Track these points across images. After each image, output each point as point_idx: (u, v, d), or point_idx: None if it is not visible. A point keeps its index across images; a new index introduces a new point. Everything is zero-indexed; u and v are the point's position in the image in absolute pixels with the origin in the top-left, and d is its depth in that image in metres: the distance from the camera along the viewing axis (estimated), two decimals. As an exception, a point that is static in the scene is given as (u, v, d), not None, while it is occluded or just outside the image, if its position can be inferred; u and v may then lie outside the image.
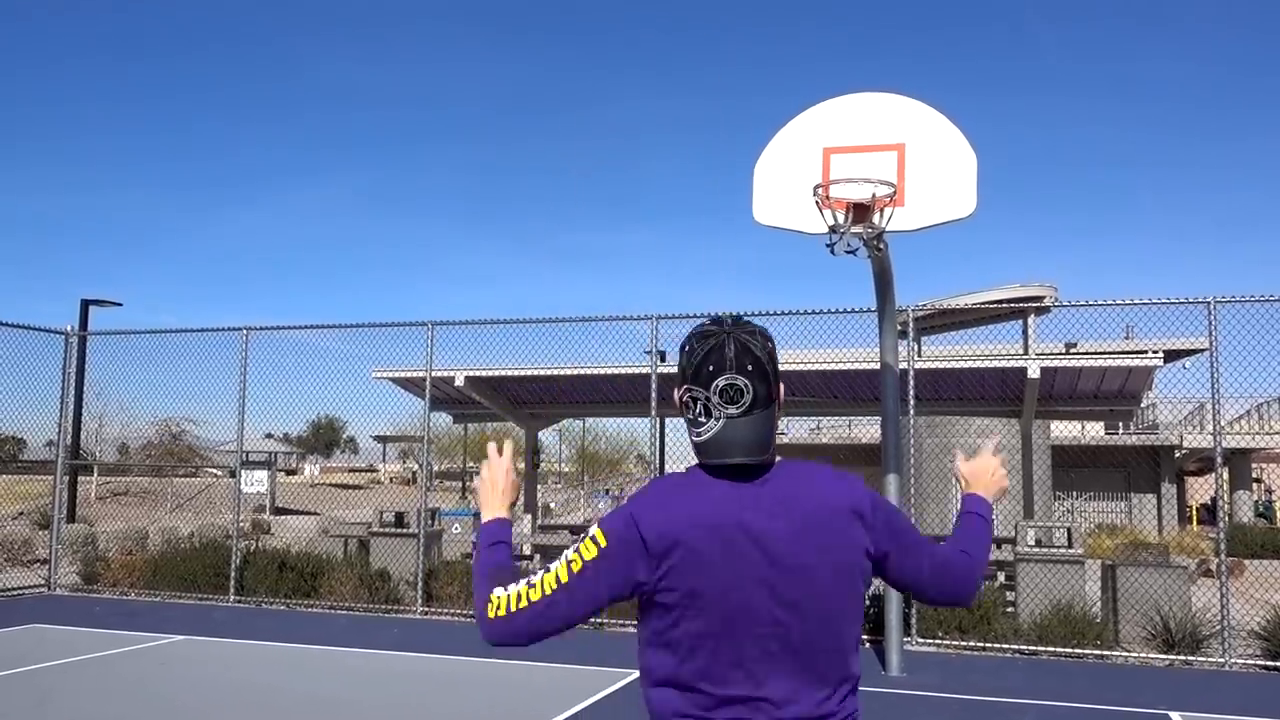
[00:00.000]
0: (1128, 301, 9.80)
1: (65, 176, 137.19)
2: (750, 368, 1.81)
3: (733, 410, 1.80)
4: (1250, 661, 9.11)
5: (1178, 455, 30.76)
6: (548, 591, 1.81)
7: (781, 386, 1.87)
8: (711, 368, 1.81)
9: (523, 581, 1.83)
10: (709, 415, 1.83)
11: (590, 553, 1.84)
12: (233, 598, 12.13)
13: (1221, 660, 9.05)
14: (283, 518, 30.26)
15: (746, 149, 8.04)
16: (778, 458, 1.91)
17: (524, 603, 1.83)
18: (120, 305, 21.47)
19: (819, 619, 1.79)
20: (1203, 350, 9.90)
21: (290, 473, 54.02)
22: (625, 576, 1.85)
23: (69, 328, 13.75)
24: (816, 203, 7.23)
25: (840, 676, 1.84)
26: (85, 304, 20.01)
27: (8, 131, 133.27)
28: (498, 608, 1.83)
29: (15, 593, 12.57)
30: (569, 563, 1.86)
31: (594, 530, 1.88)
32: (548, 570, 1.85)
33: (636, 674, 8.13)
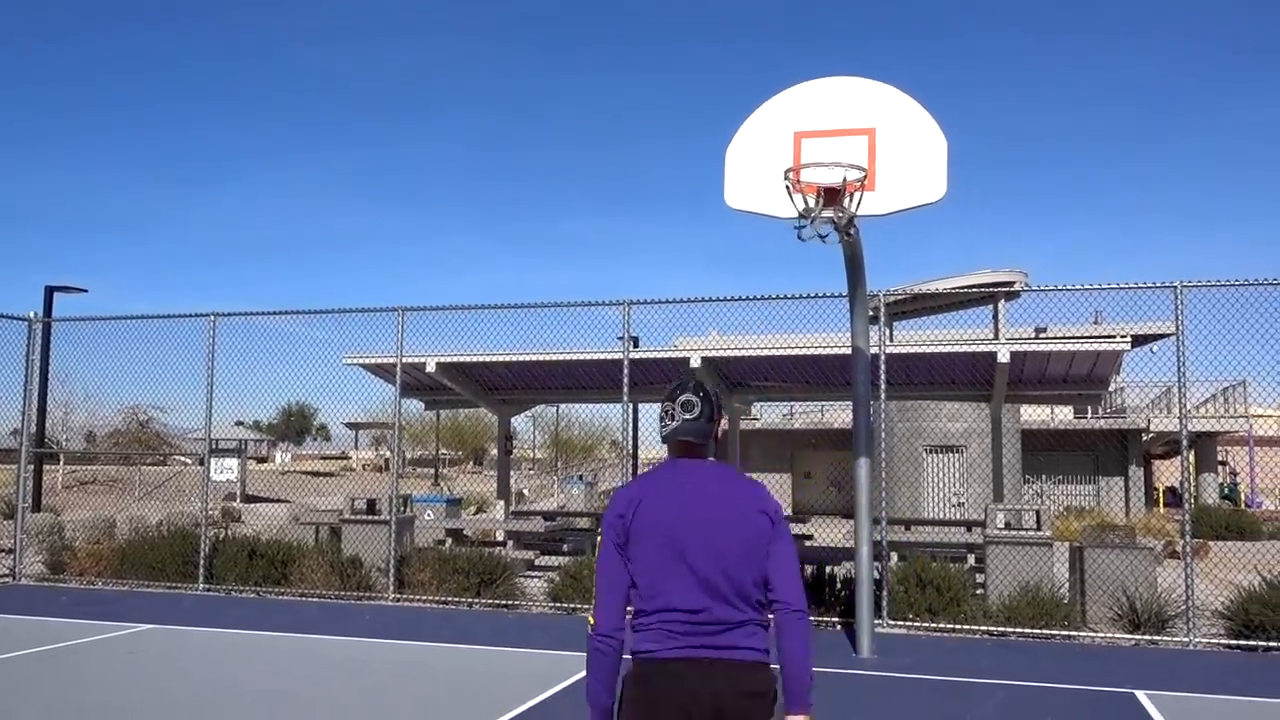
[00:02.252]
0: (1096, 286, 9.88)
1: (29, 160, 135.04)
2: (700, 395, 2.92)
3: (687, 416, 2.90)
4: (1214, 640, 9.25)
5: (1145, 439, 31.18)
6: (598, 588, 2.78)
7: (723, 418, 3.10)
8: (679, 393, 2.94)
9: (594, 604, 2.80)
10: (674, 418, 2.92)
11: (601, 547, 2.82)
12: (202, 586, 12.02)
13: (1186, 640, 9.19)
14: (253, 505, 30.03)
15: (719, 133, 8.03)
16: (713, 460, 2.95)
17: (595, 604, 2.77)
18: (85, 291, 21.16)
19: (732, 557, 2.72)
20: (1170, 335, 10.01)
21: (261, 460, 53.63)
22: (618, 541, 2.79)
23: (32, 314, 13.54)
24: (787, 187, 7.22)
25: (745, 604, 2.72)
26: (49, 290, 19.72)
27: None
28: (591, 622, 2.77)
29: (-21, 583, 12.40)
30: (597, 562, 2.81)
31: (600, 532, 2.87)
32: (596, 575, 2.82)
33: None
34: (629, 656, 2.72)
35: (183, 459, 36.67)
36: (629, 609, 2.75)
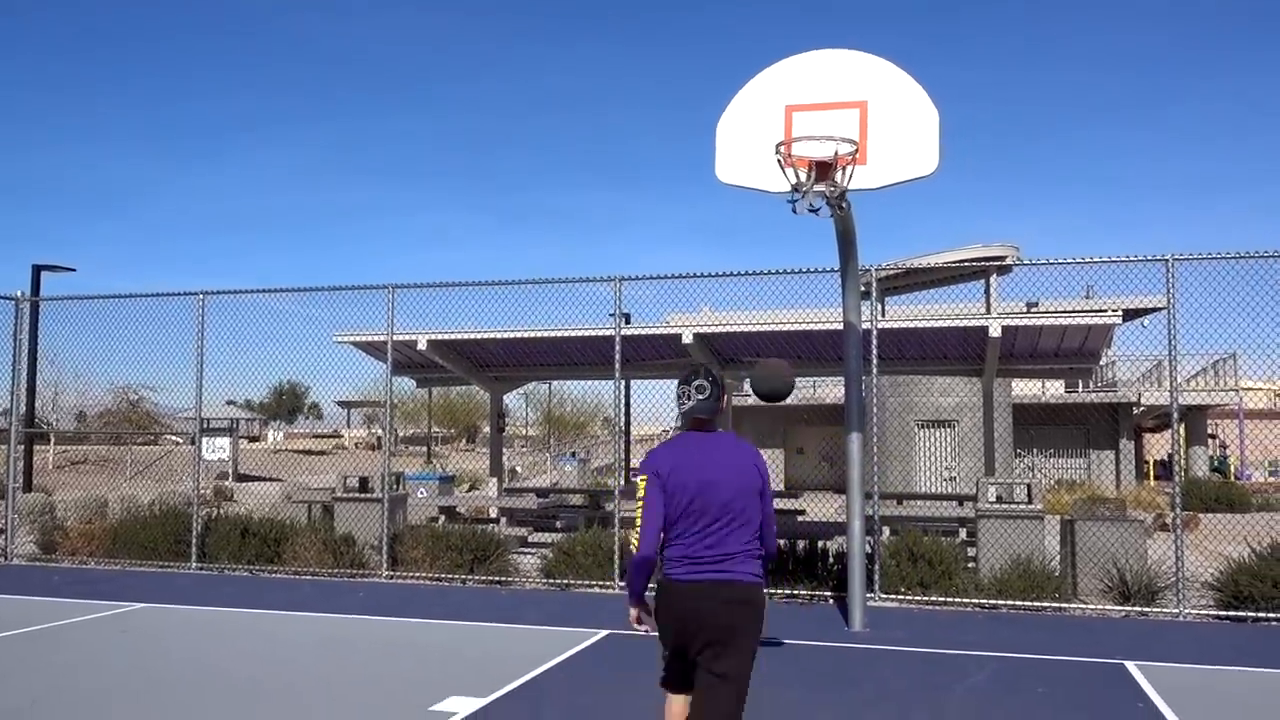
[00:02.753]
0: (1088, 260, 9.87)
1: (15, 139, 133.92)
2: (710, 380, 3.85)
3: (700, 396, 3.87)
4: (1203, 611, 9.31)
5: (1136, 412, 31.30)
6: (640, 517, 3.74)
7: (728, 396, 3.84)
8: (693, 379, 3.88)
9: (633, 530, 3.77)
10: (690, 399, 3.87)
11: (643, 489, 3.77)
12: (195, 565, 12.02)
13: (1176, 611, 9.25)
14: (246, 484, 30.01)
15: (709, 108, 7.97)
16: (720, 430, 3.96)
17: (638, 531, 3.73)
18: (74, 270, 21.08)
19: (738, 505, 3.76)
20: (1161, 309, 10.00)
21: (253, 439, 53.54)
22: (660, 487, 3.75)
23: (20, 293, 13.45)
24: (779, 161, 7.18)
25: (751, 537, 3.81)
26: (37, 269, 19.60)
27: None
28: (634, 544, 3.74)
29: (-29, 563, 12.38)
30: (641, 499, 3.76)
31: (639, 480, 3.82)
32: (640, 511, 3.76)
33: (602, 634, 8.17)
34: (661, 579, 3.81)
35: (174, 438, 36.60)
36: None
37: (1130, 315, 15.75)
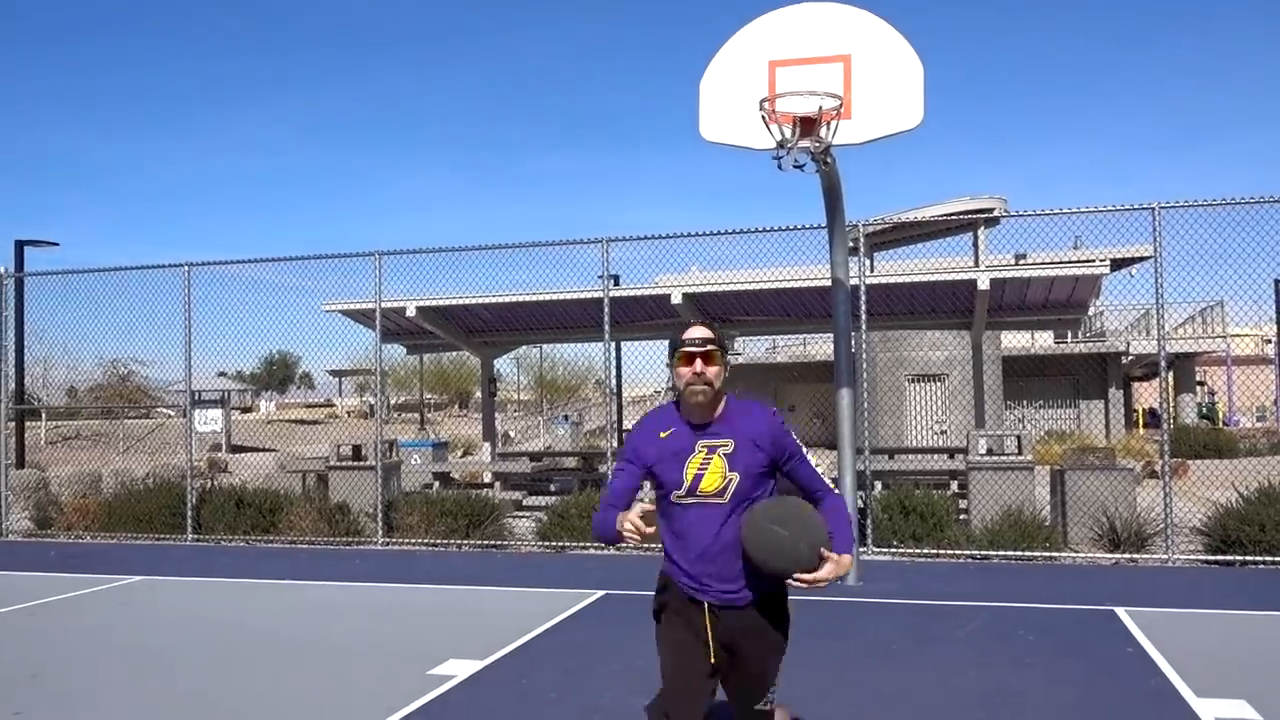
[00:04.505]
0: (1074, 210, 9.86)
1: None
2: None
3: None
4: (1192, 557, 9.43)
5: (1124, 361, 31.45)
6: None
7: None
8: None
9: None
10: None
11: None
12: (190, 537, 12.06)
13: (1165, 557, 9.36)
14: (240, 455, 30.01)
15: (692, 66, 7.90)
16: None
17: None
18: (57, 245, 20.87)
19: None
20: (1148, 258, 10.02)
21: (246, 410, 53.47)
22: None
23: (3, 269, 13.35)
24: (763, 117, 7.14)
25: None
26: (20, 245, 19.42)
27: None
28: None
29: (-33, 541, 12.39)
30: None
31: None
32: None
33: (598, 595, 8.23)
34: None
35: (166, 411, 36.54)
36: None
37: (1118, 265, 15.77)
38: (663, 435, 3.12)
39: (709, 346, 3.03)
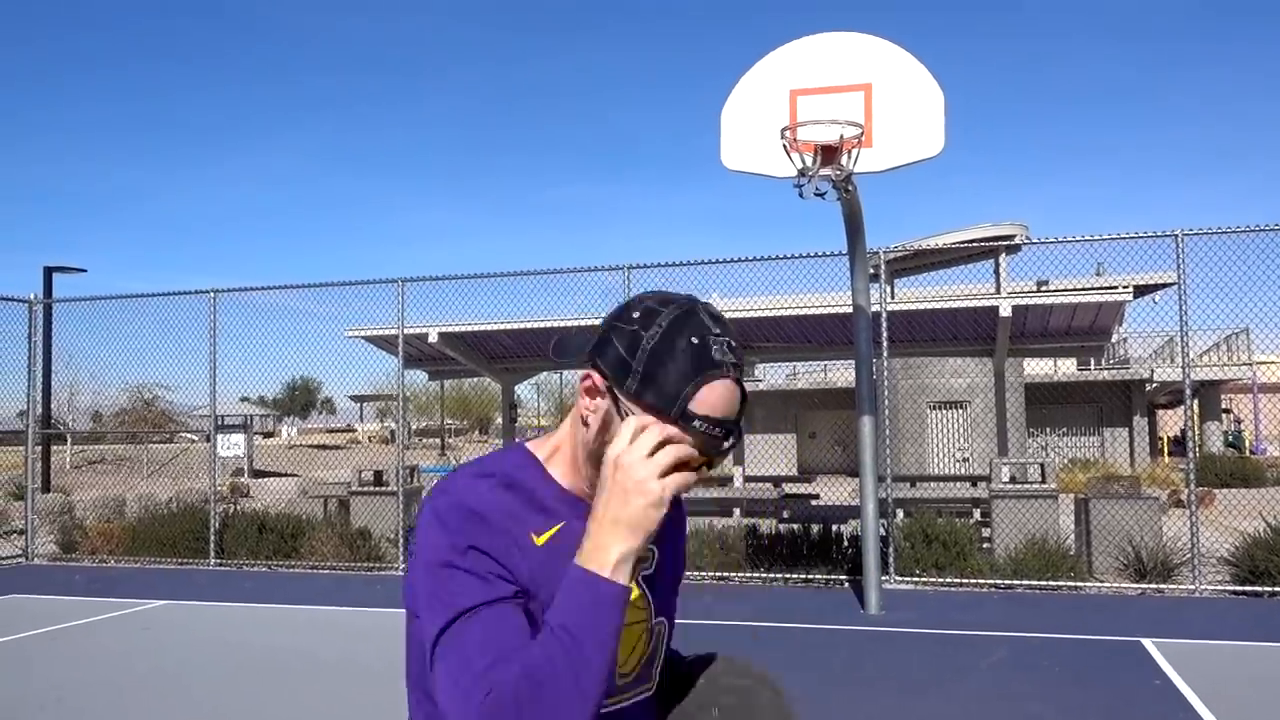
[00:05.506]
0: (1097, 237, 9.83)
1: (25, 145, 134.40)
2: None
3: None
4: (1219, 587, 9.31)
5: (1149, 389, 31.17)
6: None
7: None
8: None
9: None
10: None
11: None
12: (213, 561, 12.11)
13: (1192, 587, 9.24)
14: (262, 480, 30.16)
15: (714, 96, 7.96)
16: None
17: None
18: (85, 271, 21.20)
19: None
20: (1171, 284, 9.97)
21: (268, 435, 53.78)
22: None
23: (32, 296, 13.53)
24: (784, 146, 7.18)
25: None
26: (48, 271, 19.70)
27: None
28: None
29: (-7, 564, 12.50)
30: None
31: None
32: None
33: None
34: None
35: (189, 436, 36.80)
36: None
37: (1141, 291, 15.67)
38: (538, 539, 1.32)
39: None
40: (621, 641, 1.26)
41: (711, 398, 1.22)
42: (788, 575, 10.13)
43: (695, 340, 1.23)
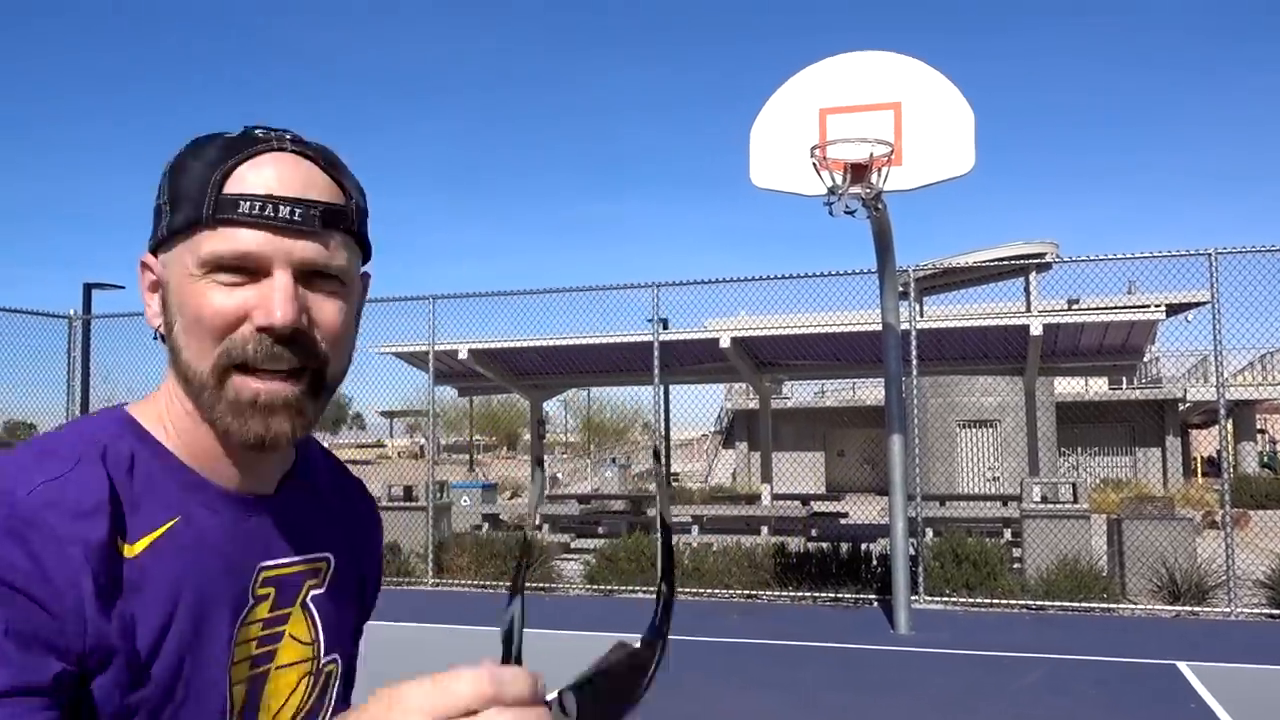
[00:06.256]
0: (1129, 256, 9.77)
1: (65, 164, 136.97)
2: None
3: None
4: (1256, 610, 9.17)
5: (1182, 408, 30.80)
6: None
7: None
8: None
9: None
10: None
11: None
12: (245, 575, 12.21)
13: (1227, 610, 9.12)
14: (292, 495, 30.32)
15: (743, 114, 8.01)
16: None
17: None
18: (123, 288, 21.44)
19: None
20: (1205, 303, 9.88)
21: (298, 450, 53.94)
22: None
23: (72, 312, 13.76)
24: (814, 164, 7.21)
25: None
26: (88, 288, 19.98)
27: (11, 123, 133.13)
28: None
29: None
30: None
31: None
32: None
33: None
34: None
35: (221, 451, 37.12)
36: None
37: (1174, 310, 15.52)
38: (130, 548, 0.82)
39: (323, 233, 0.86)
40: (272, 688, 0.93)
41: (260, 175, 0.85)
42: (816, 594, 10.08)
43: (226, 136, 0.88)
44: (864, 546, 10.77)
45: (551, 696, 0.74)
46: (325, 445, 1.22)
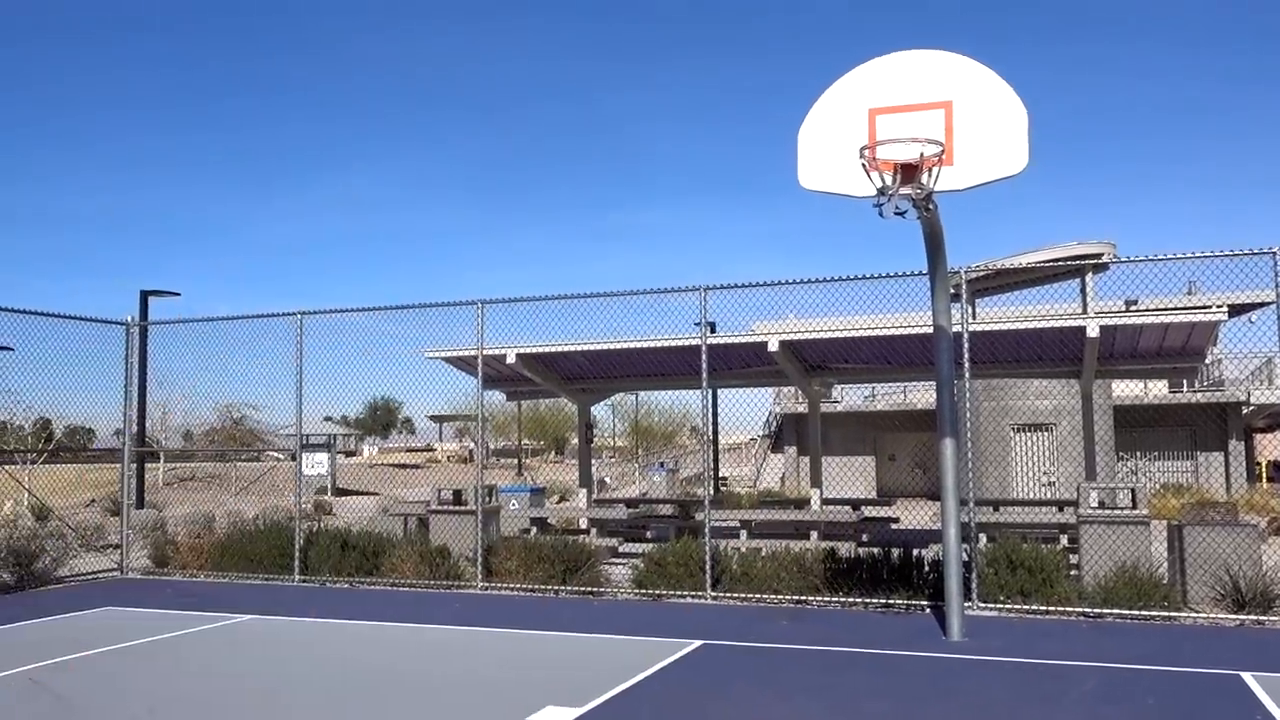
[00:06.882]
0: (1189, 255, 9.54)
1: (124, 175, 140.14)
2: None
3: None
4: (1325, 620, 8.89)
5: (1245, 412, 30.04)
6: None
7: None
8: None
9: None
10: None
11: None
12: (297, 577, 12.37)
13: (1295, 619, 8.84)
14: (344, 498, 30.78)
15: (791, 116, 7.93)
16: None
17: None
18: (178, 295, 21.91)
19: None
20: (1269, 303, 9.60)
21: (349, 454, 54.91)
22: None
23: (129, 318, 14.05)
24: (863, 165, 7.12)
25: None
26: (144, 295, 20.42)
27: (71, 136, 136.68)
28: None
29: (90, 577, 12.95)
30: None
31: None
32: None
33: (695, 645, 8.14)
34: None
35: (275, 455, 37.76)
36: None
37: (1236, 311, 15.10)
38: None
39: None
40: None
41: None
42: (867, 600, 9.96)
43: None
44: (916, 552, 10.61)
45: None
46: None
